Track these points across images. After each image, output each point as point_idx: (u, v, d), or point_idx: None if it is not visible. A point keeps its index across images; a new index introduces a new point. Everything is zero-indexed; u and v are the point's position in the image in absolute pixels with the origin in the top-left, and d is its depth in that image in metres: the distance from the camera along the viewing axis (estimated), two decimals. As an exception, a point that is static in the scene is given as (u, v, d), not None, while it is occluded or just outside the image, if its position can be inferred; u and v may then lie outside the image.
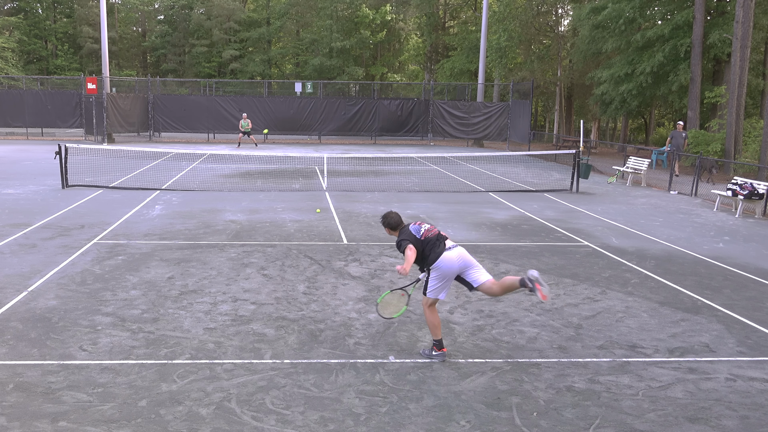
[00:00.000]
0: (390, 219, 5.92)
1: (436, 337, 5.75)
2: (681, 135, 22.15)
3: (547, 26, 41.57)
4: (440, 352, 5.76)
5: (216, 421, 4.58)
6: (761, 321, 7.03)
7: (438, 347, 5.76)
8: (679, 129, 22.46)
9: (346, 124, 35.12)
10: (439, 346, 5.76)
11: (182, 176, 18.57)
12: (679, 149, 21.39)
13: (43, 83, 44.85)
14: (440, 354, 5.76)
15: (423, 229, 5.82)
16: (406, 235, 5.75)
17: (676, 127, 23.19)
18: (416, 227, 5.83)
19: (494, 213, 13.55)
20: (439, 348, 5.76)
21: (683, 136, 22.16)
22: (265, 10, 55.93)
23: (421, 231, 5.79)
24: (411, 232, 5.77)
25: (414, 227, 5.83)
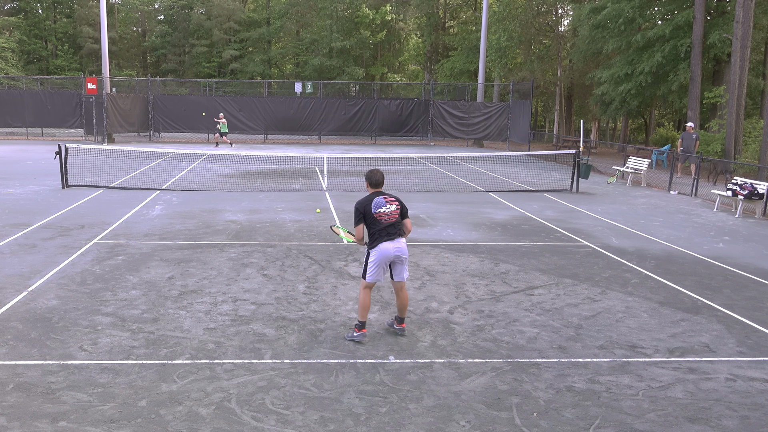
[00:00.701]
0: (375, 176, 6.30)
1: (361, 318, 6.13)
2: (692, 136, 21.32)
3: (547, 26, 41.57)
4: (360, 332, 6.11)
5: (216, 421, 4.58)
6: (761, 321, 7.03)
7: (359, 328, 6.13)
8: (689, 130, 21.55)
9: (346, 124, 35.13)
10: (360, 327, 6.13)
11: (182, 176, 18.57)
12: (689, 151, 20.71)
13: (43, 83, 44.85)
14: (361, 334, 6.10)
15: (384, 209, 6.11)
16: (364, 205, 6.13)
17: (685, 128, 22.09)
18: (380, 201, 6.13)
19: (494, 213, 13.55)
20: (359, 329, 6.13)
21: (694, 138, 21.31)
22: (265, 10, 55.95)
23: (381, 210, 6.09)
24: (371, 203, 6.11)
25: (379, 200, 6.13)
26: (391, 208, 6.15)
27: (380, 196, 6.19)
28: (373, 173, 6.33)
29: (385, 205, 6.15)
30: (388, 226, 6.10)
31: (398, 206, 6.21)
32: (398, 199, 6.30)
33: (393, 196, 6.31)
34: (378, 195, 6.21)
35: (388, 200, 6.21)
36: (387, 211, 6.13)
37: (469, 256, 9.64)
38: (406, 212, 6.30)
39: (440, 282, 8.24)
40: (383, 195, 6.23)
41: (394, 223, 6.14)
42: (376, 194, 6.22)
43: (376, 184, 6.28)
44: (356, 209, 6.17)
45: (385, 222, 6.09)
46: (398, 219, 6.18)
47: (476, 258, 9.54)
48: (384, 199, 6.19)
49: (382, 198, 6.18)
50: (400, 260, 6.18)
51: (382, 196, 6.21)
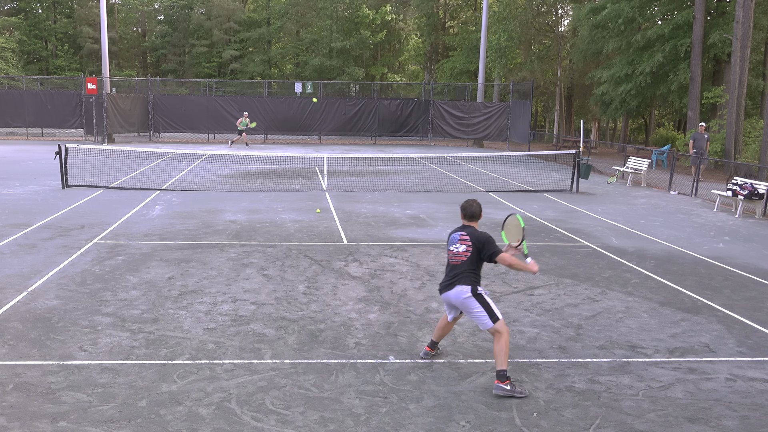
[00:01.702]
0: (467, 207, 5.53)
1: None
2: (704, 137, 20.72)
3: (547, 26, 41.57)
4: (427, 351, 5.77)
5: (216, 421, 4.58)
6: (761, 321, 7.03)
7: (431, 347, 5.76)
8: (701, 131, 20.90)
9: (346, 125, 35.13)
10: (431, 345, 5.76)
11: (182, 176, 18.57)
12: (701, 152, 20.06)
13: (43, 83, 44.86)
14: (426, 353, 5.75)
15: (453, 248, 5.43)
16: (449, 235, 5.53)
17: (698, 128, 21.42)
18: (454, 237, 5.48)
19: (494, 213, 13.55)
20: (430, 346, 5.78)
21: (706, 138, 20.76)
22: (265, 11, 55.94)
23: (451, 248, 5.45)
24: (450, 236, 5.54)
25: (454, 236, 5.49)
26: (459, 248, 5.36)
27: (459, 232, 5.44)
28: (466, 204, 5.54)
29: (456, 243, 5.41)
30: (450, 268, 5.44)
31: (469, 248, 5.31)
32: (479, 241, 5.32)
33: (472, 236, 5.36)
34: (461, 230, 5.47)
35: (462, 239, 5.38)
36: (455, 250, 5.40)
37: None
38: (493, 253, 5.26)
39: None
40: (463, 231, 5.43)
41: (457, 266, 5.35)
42: (460, 228, 5.50)
43: (467, 217, 5.51)
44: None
45: (450, 261, 5.43)
46: (465, 263, 5.31)
47: (476, 258, 9.53)
48: (459, 236, 5.41)
49: (458, 234, 5.43)
50: (454, 307, 5.51)
51: (461, 233, 5.43)
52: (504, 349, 5.10)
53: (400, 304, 7.32)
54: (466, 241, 5.35)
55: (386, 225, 11.97)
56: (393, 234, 11.17)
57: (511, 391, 5.03)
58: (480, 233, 5.38)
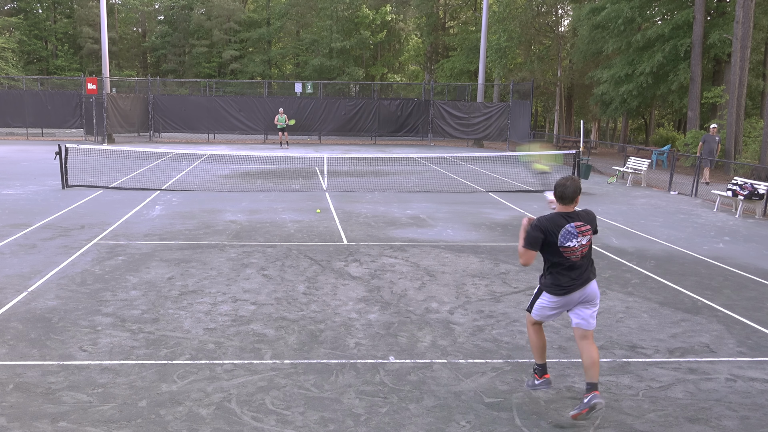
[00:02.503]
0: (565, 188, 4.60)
1: (538, 360, 4.91)
2: (715, 139, 19.81)
3: (547, 26, 41.58)
4: (543, 379, 4.90)
5: (216, 421, 4.58)
6: (761, 321, 7.03)
7: (539, 374, 4.90)
8: (712, 132, 19.90)
9: (346, 125, 35.13)
10: (541, 372, 4.89)
11: (182, 176, 18.57)
12: (712, 154, 19.44)
13: (43, 83, 44.87)
14: (543, 381, 4.89)
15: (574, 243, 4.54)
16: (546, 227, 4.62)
17: (709, 130, 20.49)
18: (571, 231, 4.56)
19: (494, 213, 13.55)
20: (540, 375, 4.90)
21: (717, 140, 19.88)
22: (265, 11, 55.97)
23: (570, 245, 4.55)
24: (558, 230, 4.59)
25: (569, 229, 4.56)
26: (582, 241, 4.54)
27: (571, 223, 4.56)
28: (560, 182, 4.62)
29: (576, 237, 4.53)
30: (575, 265, 4.59)
31: (590, 236, 4.62)
32: (593, 222, 4.68)
33: (587, 220, 4.64)
34: (567, 219, 4.59)
35: (582, 230, 4.54)
36: (577, 245, 4.53)
37: (469, 257, 9.64)
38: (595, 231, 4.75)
39: (440, 282, 8.24)
40: (575, 221, 4.57)
41: (582, 261, 4.60)
42: (563, 216, 4.61)
43: (566, 199, 4.59)
44: (535, 227, 4.63)
45: (573, 259, 4.57)
46: (588, 253, 4.65)
47: (476, 258, 9.54)
48: (576, 228, 4.54)
49: (573, 226, 4.54)
50: (586, 305, 4.74)
51: (574, 223, 4.56)
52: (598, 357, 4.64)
53: (400, 304, 7.32)
54: (587, 232, 4.58)
55: (386, 225, 11.98)
56: (393, 234, 11.17)
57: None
58: (588, 213, 4.71)
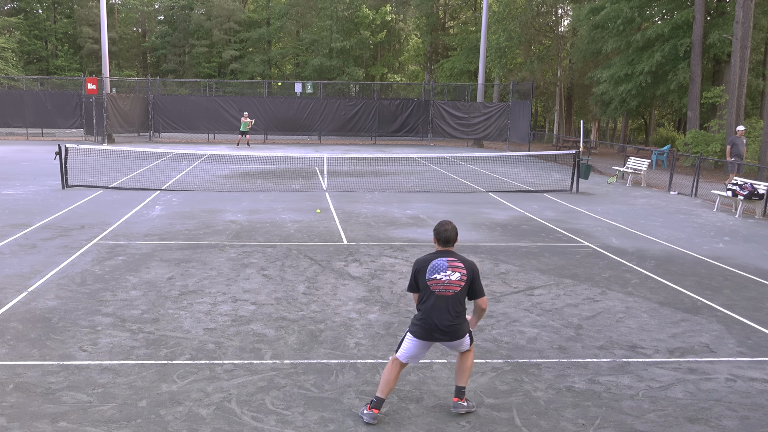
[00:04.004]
0: (444, 231, 4.72)
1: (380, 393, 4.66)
2: (742, 141, 18.73)
3: (547, 26, 41.59)
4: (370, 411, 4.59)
5: (216, 421, 4.58)
6: (761, 321, 7.03)
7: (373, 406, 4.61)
8: (739, 135, 18.83)
9: (346, 125, 35.14)
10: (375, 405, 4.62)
11: (182, 176, 18.57)
12: (741, 158, 18.42)
13: (43, 83, 44.84)
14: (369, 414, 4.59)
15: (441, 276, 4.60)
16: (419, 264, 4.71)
17: (736, 132, 19.46)
18: (441, 264, 4.64)
19: (494, 213, 13.55)
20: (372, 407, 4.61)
21: (744, 143, 18.82)
22: (265, 11, 55.96)
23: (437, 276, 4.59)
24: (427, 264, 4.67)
25: (439, 262, 4.65)
26: (451, 276, 4.58)
27: (444, 257, 4.64)
28: (441, 226, 4.73)
29: (445, 269, 4.60)
30: (439, 300, 4.57)
31: (463, 276, 4.60)
32: (471, 269, 4.66)
33: (465, 263, 4.67)
34: (444, 255, 4.67)
35: (453, 265, 4.62)
36: (445, 279, 4.58)
37: (469, 257, 9.62)
38: (479, 289, 4.66)
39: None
40: (451, 257, 4.66)
41: (450, 298, 4.56)
42: (440, 254, 4.69)
43: (445, 242, 4.70)
44: (413, 268, 4.73)
45: (438, 292, 4.58)
46: (459, 294, 4.59)
47: (476, 258, 9.54)
48: (447, 262, 4.62)
49: (445, 261, 4.63)
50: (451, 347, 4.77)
51: (448, 258, 4.64)
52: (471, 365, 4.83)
53: (400, 304, 7.32)
54: (460, 269, 4.61)
55: (386, 225, 11.98)
56: (393, 234, 11.17)
57: (468, 408, 4.76)
58: (471, 262, 4.74)
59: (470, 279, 4.62)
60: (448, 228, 4.71)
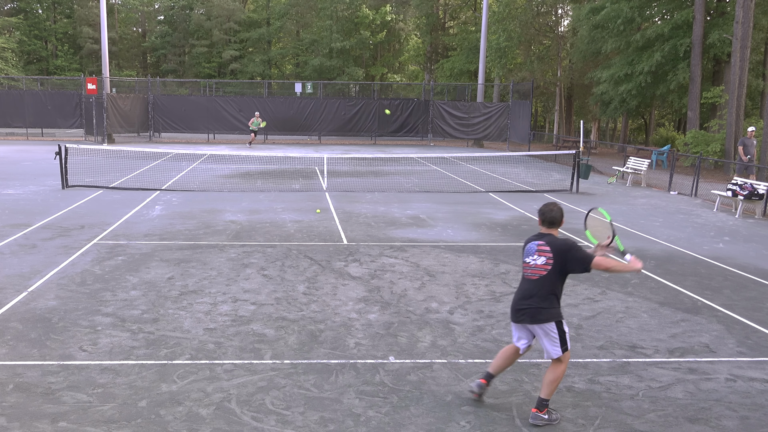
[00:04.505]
0: (547, 212, 4.74)
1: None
2: (753, 142, 18.11)
3: (547, 27, 41.59)
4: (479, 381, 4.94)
5: (216, 421, 4.58)
6: (761, 321, 7.03)
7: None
8: (750, 136, 18.26)
9: (346, 125, 35.13)
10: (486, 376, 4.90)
11: (182, 177, 18.57)
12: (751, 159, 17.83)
13: (43, 83, 44.84)
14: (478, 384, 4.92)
15: (530, 259, 4.71)
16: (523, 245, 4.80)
17: (747, 133, 18.88)
18: (531, 248, 4.73)
19: (494, 213, 13.55)
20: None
21: (754, 144, 18.20)
22: (265, 11, 55.95)
23: (527, 259, 4.73)
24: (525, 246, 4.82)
25: (531, 246, 4.75)
26: (537, 260, 4.64)
27: (536, 241, 4.71)
28: (545, 207, 4.77)
29: (533, 253, 4.68)
30: (525, 282, 4.70)
31: (549, 261, 4.59)
32: (560, 251, 4.59)
33: (552, 245, 4.62)
34: (538, 238, 4.73)
35: (541, 249, 4.65)
36: (532, 262, 4.67)
37: (469, 257, 9.64)
38: (578, 263, 4.56)
39: (440, 282, 8.24)
40: (541, 240, 4.69)
41: (535, 282, 4.62)
42: (537, 236, 4.76)
43: (549, 223, 4.72)
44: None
45: (525, 275, 4.72)
46: (545, 278, 4.60)
47: (476, 258, 9.54)
48: (537, 246, 4.68)
49: (536, 244, 4.69)
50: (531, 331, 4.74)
51: (538, 242, 4.69)
52: (559, 378, 4.64)
53: (400, 304, 7.32)
54: (546, 252, 4.61)
55: (386, 225, 11.98)
56: (393, 234, 11.17)
57: (548, 420, 4.62)
58: (561, 241, 4.65)
59: (559, 262, 4.56)
60: (553, 209, 4.72)
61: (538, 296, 4.61)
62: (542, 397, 4.63)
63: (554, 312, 4.62)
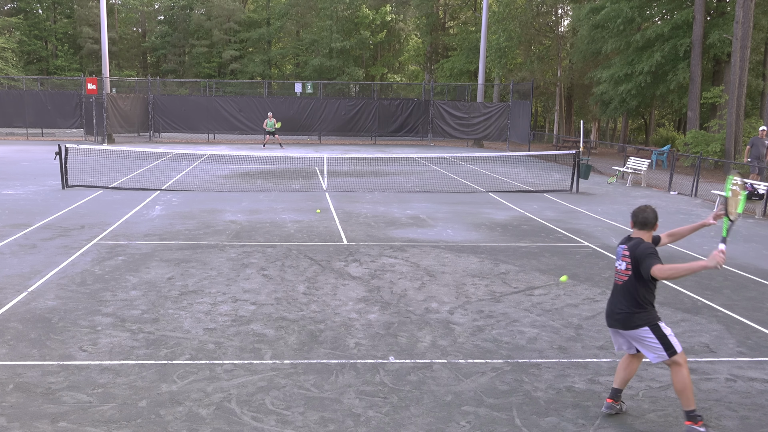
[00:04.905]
0: (640, 214, 4.59)
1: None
2: (764, 143, 17.62)
3: (547, 26, 41.59)
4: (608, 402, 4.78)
5: (216, 421, 4.58)
6: (761, 321, 7.03)
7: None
8: (761, 135, 17.74)
9: (346, 125, 35.14)
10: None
11: (182, 177, 18.57)
12: (761, 159, 17.51)
13: (43, 84, 44.84)
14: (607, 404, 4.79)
15: (617, 264, 4.67)
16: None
17: (759, 133, 18.34)
18: (618, 252, 4.72)
19: (494, 213, 13.55)
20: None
21: (765, 144, 17.67)
22: (265, 11, 55.95)
23: (616, 264, 4.70)
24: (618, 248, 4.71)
25: (619, 249, 4.70)
26: (621, 266, 4.61)
27: (623, 245, 4.65)
28: (638, 209, 4.63)
29: (619, 258, 4.64)
30: (614, 287, 4.69)
31: (629, 266, 4.52)
32: (636, 258, 4.47)
33: (632, 251, 4.52)
34: (625, 242, 4.66)
35: (624, 254, 4.59)
36: (618, 267, 4.65)
37: (469, 257, 9.64)
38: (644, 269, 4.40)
39: (440, 282, 8.24)
40: (625, 245, 4.62)
41: (620, 287, 4.59)
42: (625, 240, 4.68)
43: (641, 224, 4.58)
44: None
45: (615, 280, 4.70)
46: (627, 283, 4.54)
47: (476, 258, 9.54)
48: (622, 251, 4.62)
49: (621, 249, 4.64)
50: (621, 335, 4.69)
51: (623, 246, 4.63)
52: (687, 383, 4.43)
53: (400, 304, 7.32)
54: (627, 258, 4.55)
55: (386, 225, 11.98)
56: (393, 234, 11.17)
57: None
58: (640, 248, 4.47)
59: (636, 267, 4.47)
60: (646, 210, 4.59)
61: (626, 301, 4.55)
62: (686, 410, 4.48)
63: (644, 316, 4.50)
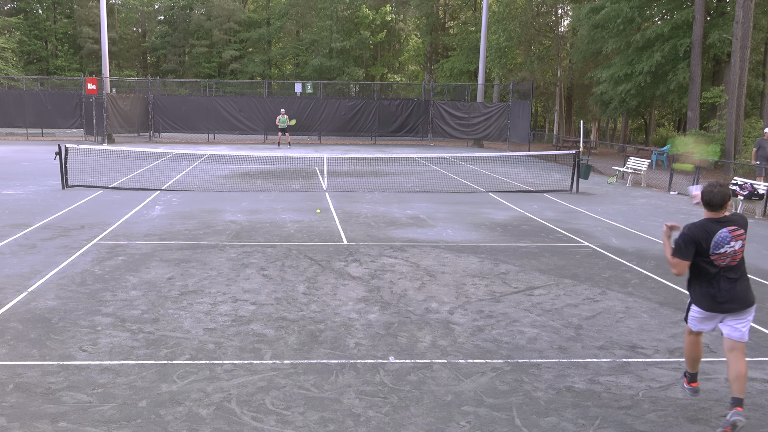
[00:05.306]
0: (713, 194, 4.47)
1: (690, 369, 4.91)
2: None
3: (547, 27, 41.59)
4: (690, 386, 4.93)
5: (216, 421, 4.58)
6: (761, 321, 7.03)
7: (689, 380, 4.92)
8: (767, 137, 17.26)
9: (346, 125, 35.14)
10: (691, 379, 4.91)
11: (182, 177, 18.57)
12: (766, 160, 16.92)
13: (43, 84, 44.83)
14: (691, 389, 4.93)
15: (727, 249, 4.46)
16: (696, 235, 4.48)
17: (763, 135, 17.85)
18: (725, 237, 4.44)
19: (494, 213, 13.55)
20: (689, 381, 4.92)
21: None
22: (265, 11, 55.96)
23: (722, 251, 4.46)
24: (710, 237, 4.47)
25: (723, 234, 4.45)
26: (735, 246, 4.42)
27: (725, 228, 4.43)
28: (709, 188, 4.46)
29: (729, 242, 4.42)
30: (724, 271, 4.49)
31: (744, 241, 4.48)
32: (745, 227, 4.49)
33: (742, 225, 4.50)
34: (719, 224, 4.45)
35: (736, 234, 4.43)
36: (730, 250, 4.42)
37: (469, 257, 9.64)
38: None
39: (440, 282, 8.24)
40: (728, 225, 4.45)
41: (736, 268, 4.49)
42: (716, 223, 4.46)
43: (718, 206, 4.44)
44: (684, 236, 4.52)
45: (724, 264, 4.48)
46: (741, 261, 4.52)
47: (476, 258, 9.54)
48: (730, 232, 4.42)
49: (727, 231, 4.42)
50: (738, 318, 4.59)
51: (728, 228, 4.43)
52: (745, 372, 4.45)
53: (400, 304, 7.32)
54: (741, 236, 4.43)
55: (386, 225, 11.98)
56: (393, 234, 11.17)
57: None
58: (741, 217, 4.53)
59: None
60: (723, 187, 4.46)
61: (746, 279, 4.62)
62: (740, 398, 4.43)
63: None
